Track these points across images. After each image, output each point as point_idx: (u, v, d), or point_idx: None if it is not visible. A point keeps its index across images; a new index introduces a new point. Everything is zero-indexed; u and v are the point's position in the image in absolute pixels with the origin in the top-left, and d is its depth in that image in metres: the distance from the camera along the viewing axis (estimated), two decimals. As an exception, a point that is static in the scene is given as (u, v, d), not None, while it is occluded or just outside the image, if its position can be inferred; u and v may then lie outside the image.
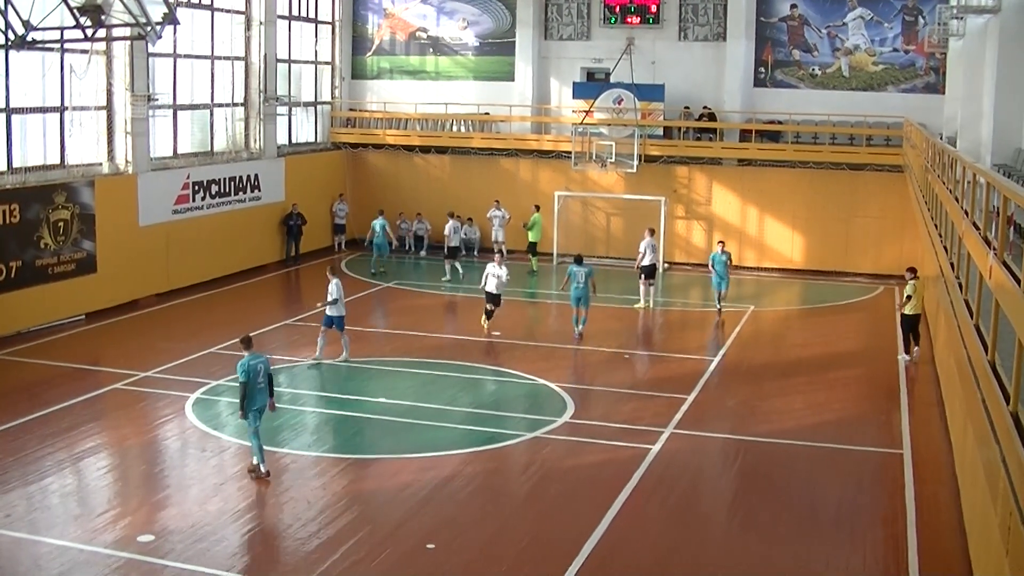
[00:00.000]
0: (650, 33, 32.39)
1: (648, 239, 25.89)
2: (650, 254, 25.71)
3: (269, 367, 14.30)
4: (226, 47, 29.22)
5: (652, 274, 26.00)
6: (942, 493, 14.16)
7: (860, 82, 31.01)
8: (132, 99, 24.61)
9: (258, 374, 13.96)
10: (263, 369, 14.06)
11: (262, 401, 14.07)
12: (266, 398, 14.12)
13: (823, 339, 23.31)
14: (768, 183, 30.99)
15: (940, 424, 17.08)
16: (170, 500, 13.54)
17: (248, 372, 13.84)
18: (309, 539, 12.32)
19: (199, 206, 27.38)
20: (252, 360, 13.98)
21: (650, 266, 25.77)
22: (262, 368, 14.04)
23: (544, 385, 18.93)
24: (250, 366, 13.89)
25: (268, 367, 14.23)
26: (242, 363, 13.94)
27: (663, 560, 12.19)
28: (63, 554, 11.82)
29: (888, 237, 29.74)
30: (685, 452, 15.68)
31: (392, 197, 33.01)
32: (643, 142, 31.21)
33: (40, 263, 22.07)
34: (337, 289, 19.67)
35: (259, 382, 13.97)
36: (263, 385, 14.04)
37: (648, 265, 25.70)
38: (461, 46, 34.70)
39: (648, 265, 25.70)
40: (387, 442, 15.98)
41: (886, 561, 12.18)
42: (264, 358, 14.32)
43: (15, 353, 20.50)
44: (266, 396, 14.12)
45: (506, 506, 13.71)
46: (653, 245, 26.00)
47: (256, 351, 14.30)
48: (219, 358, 20.19)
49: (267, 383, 14.11)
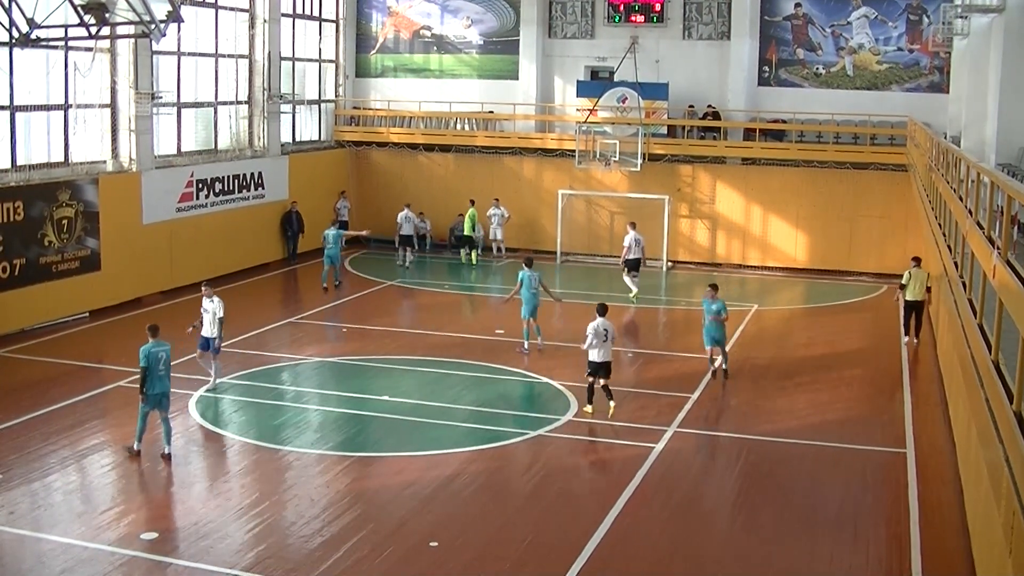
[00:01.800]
0: (654, 32, 32.37)
1: (632, 233, 26.42)
2: (635, 248, 26.21)
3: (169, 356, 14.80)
4: (230, 45, 29.23)
5: (637, 267, 26.49)
6: (945, 493, 14.16)
7: (864, 81, 30.98)
8: (136, 97, 24.63)
9: (159, 361, 14.46)
10: (164, 357, 14.54)
11: (161, 387, 14.57)
12: (166, 385, 14.65)
13: (826, 338, 23.29)
14: (772, 182, 30.96)
15: (943, 424, 17.06)
16: (173, 498, 13.57)
17: (148, 358, 14.38)
18: (312, 537, 12.34)
19: (203, 204, 27.40)
20: (154, 347, 14.48)
21: (635, 260, 26.29)
22: (163, 356, 14.53)
23: (547, 383, 18.94)
24: (151, 353, 14.41)
25: (169, 354, 14.72)
26: (143, 349, 14.48)
27: (665, 559, 12.20)
28: (66, 551, 11.84)
29: (892, 236, 29.70)
30: (688, 451, 15.68)
31: (396, 195, 33.00)
32: (647, 141, 31.19)
33: (44, 261, 22.10)
34: (218, 307, 17.69)
35: (159, 369, 14.45)
36: (164, 372, 14.51)
37: (633, 259, 26.25)
38: (465, 44, 34.70)
39: (633, 259, 26.25)
40: (390, 440, 15.99)
41: (889, 561, 12.18)
42: (167, 346, 14.72)
43: (19, 351, 20.53)
44: (166, 383, 14.64)
45: (509, 504, 13.72)
46: (638, 239, 26.43)
47: (160, 340, 14.68)
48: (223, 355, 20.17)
49: (168, 371, 14.59)
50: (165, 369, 14.55)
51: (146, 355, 14.42)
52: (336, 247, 26.52)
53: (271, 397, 18.03)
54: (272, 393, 18.27)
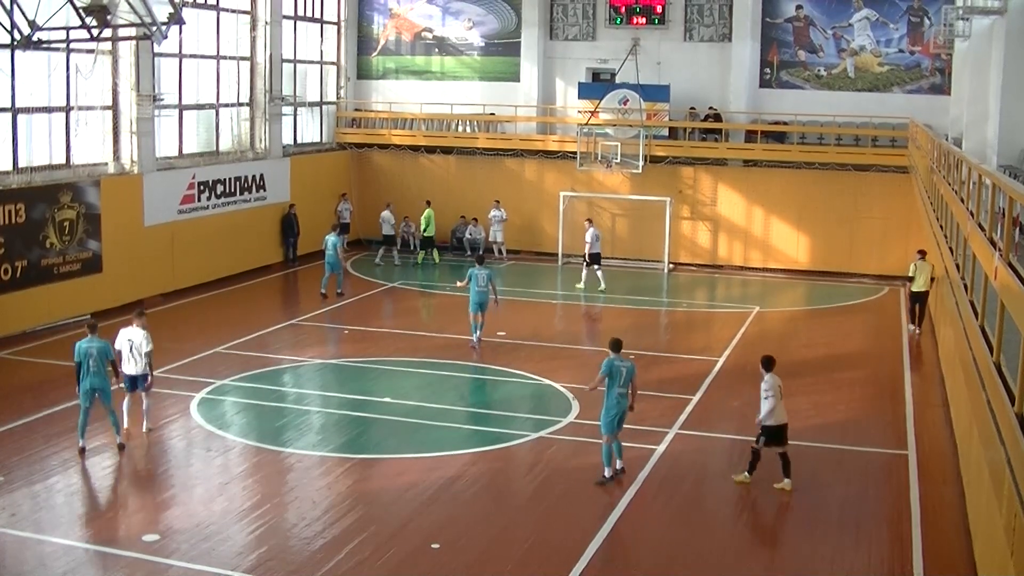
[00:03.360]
0: (655, 34, 32.38)
1: (592, 229, 27.65)
2: (596, 243, 27.47)
3: (108, 349, 14.81)
4: (232, 47, 29.26)
5: (598, 261, 27.54)
6: (947, 494, 14.15)
7: (866, 83, 30.97)
8: (138, 99, 24.66)
9: (90, 357, 14.59)
10: (95, 353, 14.63)
11: (95, 383, 14.66)
12: (102, 381, 14.74)
13: (828, 340, 23.28)
14: (773, 184, 30.96)
15: (945, 425, 17.05)
16: (175, 499, 13.57)
17: (79, 354, 14.61)
18: (314, 538, 12.34)
19: (204, 206, 27.41)
20: (86, 344, 14.67)
21: (596, 254, 27.49)
22: (94, 352, 14.63)
23: (549, 385, 18.94)
24: (82, 349, 14.62)
25: (104, 350, 14.74)
26: (77, 345, 14.76)
27: (667, 560, 12.20)
28: (68, 553, 11.85)
29: (893, 238, 29.69)
30: (690, 452, 15.68)
31: (397, 197, 32.99)
32: (648, 143, 31.20)
33: (46, 263, 22.12)
34: (145, 341, 15.35)
35: (91, 365, 14.57)
36: (95, 369, 14.61)
37: (595, 253, 27.40)
38: (466, 46, 34.71)
39: (595, 253, 27.40)
40: (392, 442, 15.99)
41: (891, 561, 12.18)
42: (101, 344, 14.78)
43: (21, 352, 20.54)
44: (101, 379, 14.72)
45: (511, 506, 13.72)
46: (596, 234, 27.70)
47: (97, 337, 14.81)
48: (224, 358, 20.24)
49: (101, 367, 14.65)
50: (96, 366, 14.64)
51: (77, 351, 14.70)
52: (335, 253, 25.94)
53: (273, 399, 18.03)
54: (274, 395, 18.27)
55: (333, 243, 26.11)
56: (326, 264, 26.21)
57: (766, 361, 14.37)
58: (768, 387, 14.10)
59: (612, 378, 13.88)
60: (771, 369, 14.30)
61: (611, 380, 13.88)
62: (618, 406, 13.92)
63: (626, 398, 14.01)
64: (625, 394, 13.99)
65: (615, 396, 13.91)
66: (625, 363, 14.03)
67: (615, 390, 13.90)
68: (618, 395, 13.91)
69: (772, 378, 14.21)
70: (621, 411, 13.97)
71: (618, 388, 13.90)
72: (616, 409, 13.92)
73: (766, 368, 14.29)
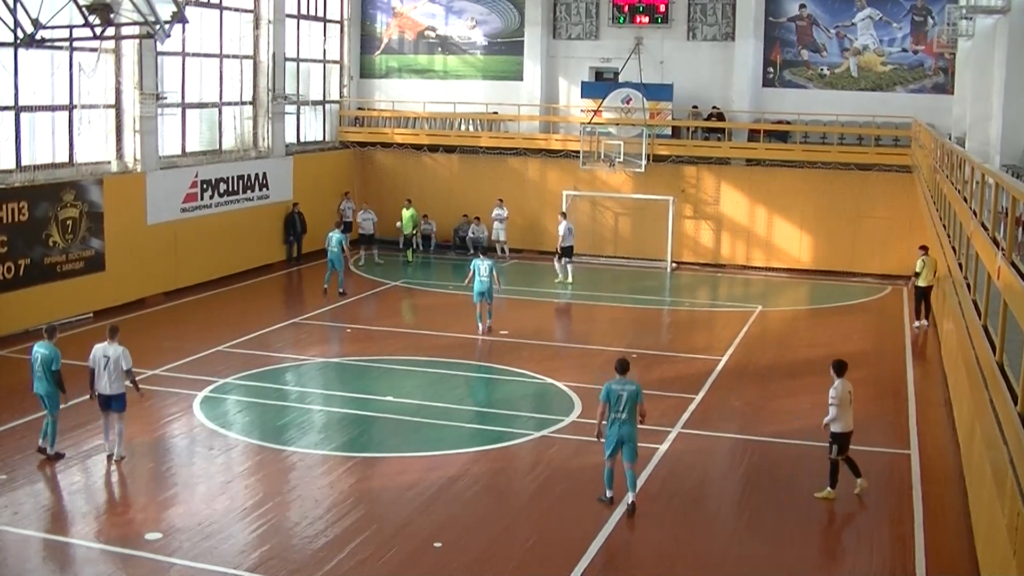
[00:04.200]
0: (658, 33, 32.36)
1: (564, 223, 28.34)
2: (568, 237, 27.99)
3: (54, 358, 14.54)
4: (235, 46, 29.27)
5: (570, 254, 28.18)
6: (949, 494, 14.14)
7: (869, 82, 30.94)
8: (141, 97, 24.67)
9: (36, 362, 14.58)
10: (40, 359, 14.55)
11: (37, 389, 14.60)
12: (43, 387, 14.53)
13: (830, 340, 23.24)
14: (776, 183, 30.94)
15: (948, 425, 17.04)
16: (177, 498, 13.57)
17: (32, 357, 14.67)
18: (316, 537, 12.34)
19: (207, 205, 27.43)
20: (37, 348, 14.67)
21: (569, 247, 28.11)
22: (40, 357, 14.56)
23: (551, 384, 18.93)
24: (33, 353, 14.68)
25: (48, 358, 14.51)
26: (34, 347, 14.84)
27: (669, 560, 12.19)
28: (70, 551, 11.87)
29: (896, 237, 29.65)
30: (692, 452, 15.67)
31: (400, 196, 33.01)
32: (651, 142, 31.19)
33: (48, 261, 22.13)
34: (124, 357, 14.49)
35: (37, 370, 14.56)
36: (40, 374, 14.54)
37: (567, 246, 28.01)
38: (469, 45, 34.70)
39: (567, 246, 28.01)
40: (394, 441, 15.99)
41: (893, 562, 12.16)
42: (48, 350, 14.57)
43: (23, 351, 20.47)
44: (42, 385, 14.53)
45: (513, 505, 13.72)
46: (570, 228, 28.39)
47: (49, 343, 14.69)
48: (227, 356, 20.25)
49: (45, 373, 14.50)
50: (42, 371, 14.51)
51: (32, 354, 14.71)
52: (338, 250, 26.07)
53: (275, 398, 18.04)
54: (276, 394, 18.28)
55: (338, 239, 26.23)
56: (329, 261, 26.34)
57: (838, 365, 13.75)
58: (835, 394, 13.56)
59: (611, 404, 13.04)
60: (843, 374, 13.70)
61: (610, 406, 13.05)
62: (616, 432, 12.98)
63: (627, 424, 12.95)
64: (625, 420, 12.94)
65: (610, 421, 13.03)
66: (628, 386, 13.02)
67: (610, 415, 13.03)
68: (613, 420, 12.99)
69: (842, 384, 13.64)
70: (621, 437, 12.97)
71: (614, 414, 12.97)
72: (613, 436, 13.02)
73: (837, 373, 13.68)
